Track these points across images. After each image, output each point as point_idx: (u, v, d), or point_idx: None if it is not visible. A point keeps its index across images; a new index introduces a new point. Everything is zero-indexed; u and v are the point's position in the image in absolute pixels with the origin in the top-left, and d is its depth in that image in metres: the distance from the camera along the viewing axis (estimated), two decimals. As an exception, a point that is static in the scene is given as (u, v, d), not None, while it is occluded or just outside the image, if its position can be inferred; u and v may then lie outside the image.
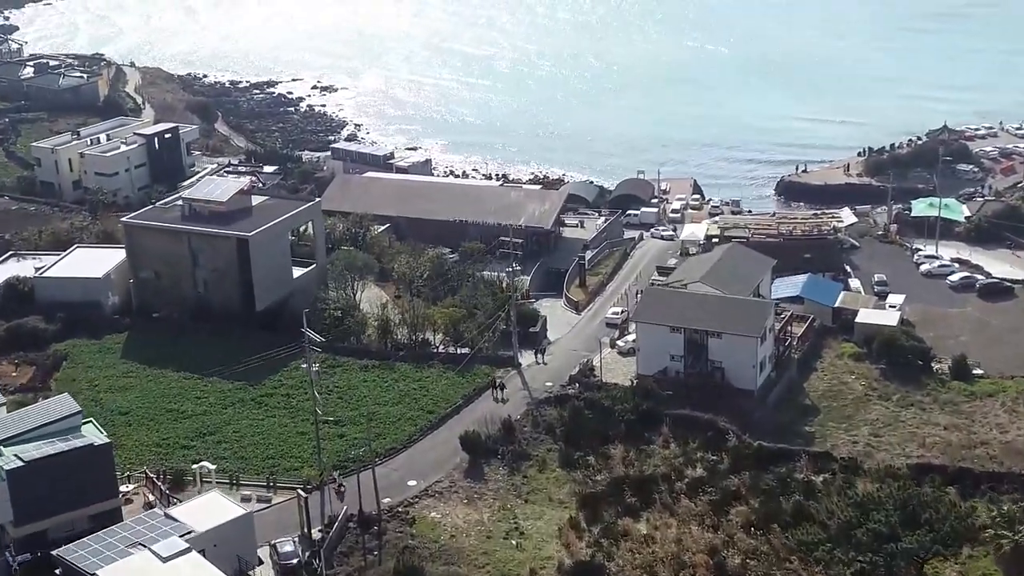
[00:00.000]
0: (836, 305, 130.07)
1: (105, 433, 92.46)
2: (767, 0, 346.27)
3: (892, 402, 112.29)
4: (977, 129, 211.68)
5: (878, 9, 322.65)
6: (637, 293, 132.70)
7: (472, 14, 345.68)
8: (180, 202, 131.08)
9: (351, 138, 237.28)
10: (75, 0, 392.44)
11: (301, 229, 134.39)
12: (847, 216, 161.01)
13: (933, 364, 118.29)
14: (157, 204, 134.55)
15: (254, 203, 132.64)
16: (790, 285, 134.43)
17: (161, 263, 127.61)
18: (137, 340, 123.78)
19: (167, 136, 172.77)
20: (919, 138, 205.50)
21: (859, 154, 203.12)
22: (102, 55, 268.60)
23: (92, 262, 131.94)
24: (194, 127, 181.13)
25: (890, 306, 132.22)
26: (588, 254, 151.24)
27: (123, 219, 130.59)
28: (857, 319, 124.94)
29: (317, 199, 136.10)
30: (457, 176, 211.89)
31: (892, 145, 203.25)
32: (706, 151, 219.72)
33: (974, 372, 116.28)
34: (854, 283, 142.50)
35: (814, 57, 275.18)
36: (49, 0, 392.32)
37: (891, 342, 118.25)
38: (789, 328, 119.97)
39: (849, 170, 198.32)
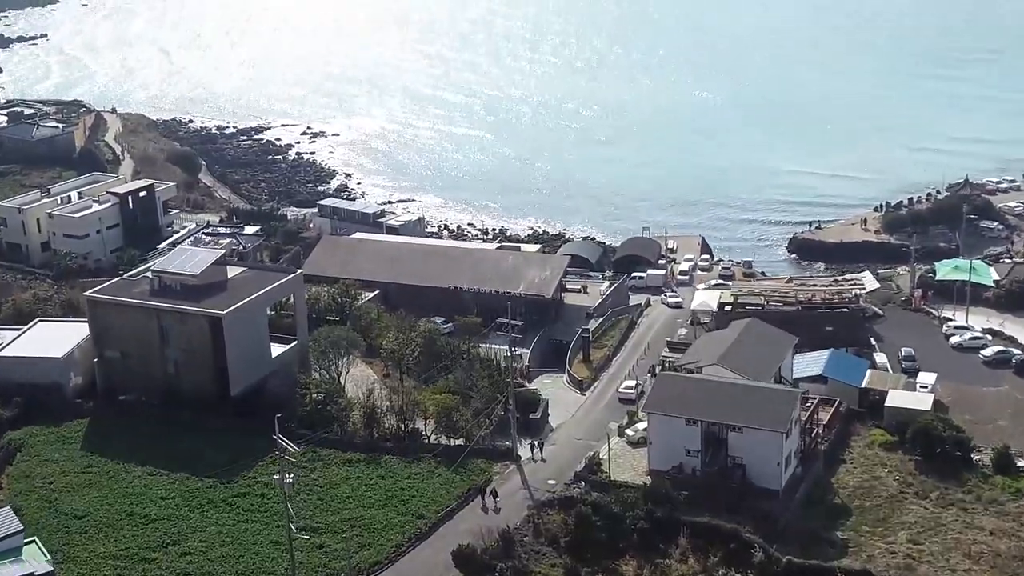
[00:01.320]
0: (863, 385, 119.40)
1: (49, 558, 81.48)
2: (769, 41, 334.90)
3: (931, 501, 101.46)
4: (999, 182, 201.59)
5: (885, 54, 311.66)
6: (649, 372, 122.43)
7: (468, 57, 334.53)
8: (150, 274, 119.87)
9: (341, 189, 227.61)
10: (54, 41, 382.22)
11: (282, 299, 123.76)
12: (869, 281, 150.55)
13: (973, 455, 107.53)
14: (125, 276, 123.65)
15: (230, 275, 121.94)
16: (812, 363, 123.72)
17: (128, 342, 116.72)
18: (100, 428, 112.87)
19: (142, 195, 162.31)
20: (937, 192, 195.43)
21: (876, 209, 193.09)
22: (81, 102, 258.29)
23: (54, 339, 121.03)
24: (171, 184, 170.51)
25: (921, 386, 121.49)
26: (592, 324, 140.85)
27: (87, 294, 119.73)
28: (887, 402, 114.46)
29: (298, 271, 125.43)
30: (452, 231, 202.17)
31: (910, 200, 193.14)
32: (713, 204, 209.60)
33: (1018, 465, 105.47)
34: (880, 358, 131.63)
35: (823, 103, 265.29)
36: (35, 41, 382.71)
37: (927, 432, 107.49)
38: (815, 416, 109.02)
39: (866, 225, 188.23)
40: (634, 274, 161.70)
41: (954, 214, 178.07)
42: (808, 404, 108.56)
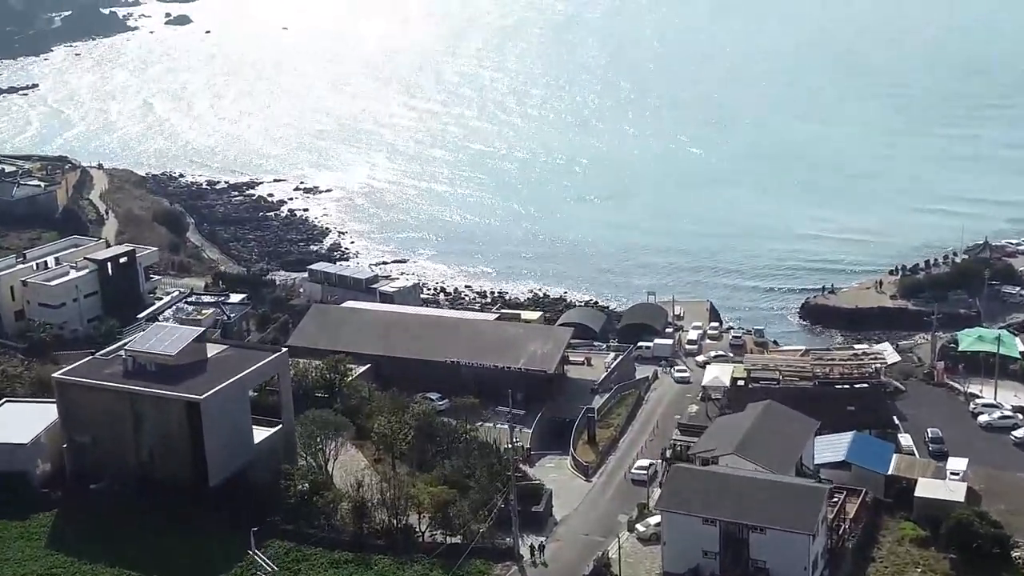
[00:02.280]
0: (889, 473, 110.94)
1: None
2: (770, 93, 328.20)
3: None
4: (1019, 244, 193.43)
5: (891, 104, 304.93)
6: (661, 457, 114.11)
7: (457, 111, 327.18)
8: (124, 353, 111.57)
9: (334, 248, 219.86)
10: (44, 91, 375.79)
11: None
12: (889, 353, 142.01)
13: (1013, 551, 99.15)
14: (97, 355, 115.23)
15: (211, 353, 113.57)
16: (834, 447, 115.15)
17: (99, 426, 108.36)
18: (68, 522, 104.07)
19: (123, 261, 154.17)
20: (955, 254, 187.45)
21: (891, 272, 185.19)
22: (67, 158, 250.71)
23: (20, 422, 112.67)
24: (153, 250, 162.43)
25: (952, 473, 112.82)
26: (597, 400, 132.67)
27: (56, 375, 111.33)
28: (917, 492, 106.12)
29: (283, 349, 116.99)
30: (449, 295, 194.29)
31: (927, 263, 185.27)
32: (719, 265, 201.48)
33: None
34: (905, 440, 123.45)
35: (829, 157, 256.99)
36: (26, 91, 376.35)
37: (962, 527, 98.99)
38: (842, 511, 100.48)
39: (882, 288, 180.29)
40: (640, 343, 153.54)
41: (974, 278, 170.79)
42: (835, 499, 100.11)
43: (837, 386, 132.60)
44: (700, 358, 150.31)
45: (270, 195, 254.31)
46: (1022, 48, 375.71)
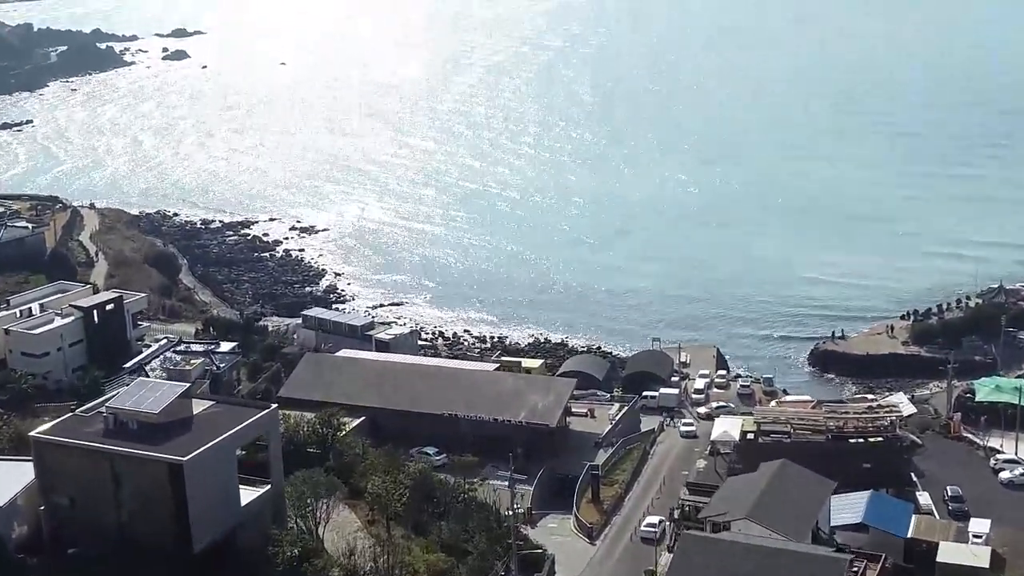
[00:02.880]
0: (909, 535, 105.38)
1: None
2: (772, 129, 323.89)
3: None
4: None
5: (893, 144, 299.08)
6: (669, 518, 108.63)
7: (450, 149, 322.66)
8: (104, 410, 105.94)
9: (329, 291, 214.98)
10: (39, 127, 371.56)
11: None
12: (904, 405, 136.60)
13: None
14: (78, 411, 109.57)
15: (197, 410, 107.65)
16: (850, 508, 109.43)
17: (78, 488, 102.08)
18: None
19: (109, 307, 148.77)
20: (968, 299, 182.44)
21: (903, 317, 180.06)
22: (58, 197, 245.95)
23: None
24: (141, 296, 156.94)
25: (975, 536, 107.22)
26: (601, 454, 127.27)
27: (32, 434, 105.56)
28: (939, 558, 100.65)
29: (273, 406, 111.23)
30: (447, 340, 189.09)
31: (940, 308, 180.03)
32: (725, 309, 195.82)
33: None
34: (923, 499, 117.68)
35: (837, 198, 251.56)
36: (20, 127, 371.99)
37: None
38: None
39: (893, 333, 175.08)
40: (645, 393, 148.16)
41: (989, 324, 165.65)
42: (855, 569, 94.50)
43: (851, 440, 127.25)
44: (702, 410, 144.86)
45: (265, 235, 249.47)
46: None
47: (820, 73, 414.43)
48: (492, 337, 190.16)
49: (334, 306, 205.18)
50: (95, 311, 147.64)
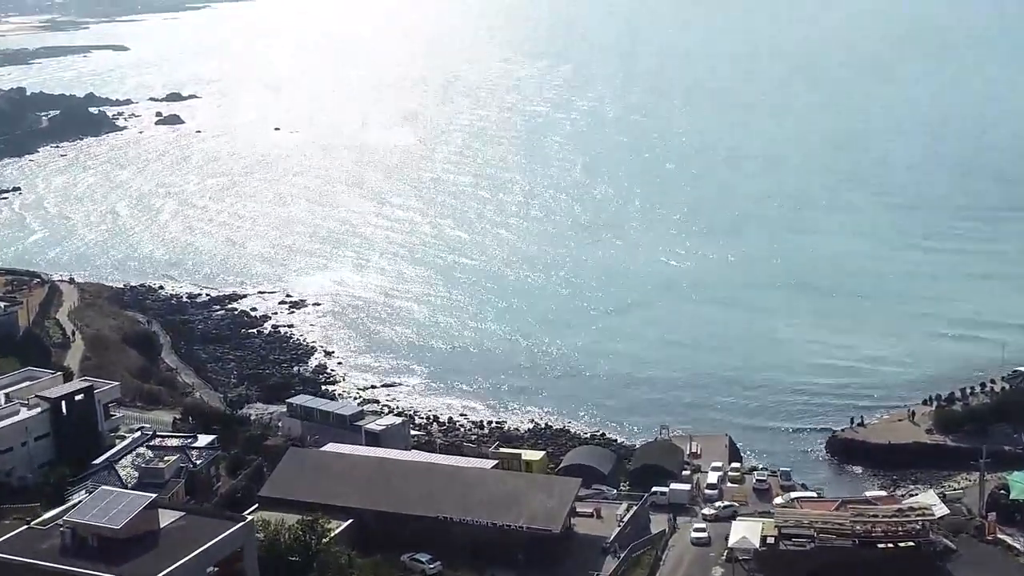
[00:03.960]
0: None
1: None
2: (778, 201, 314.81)
3: None
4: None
5: (908, 217, 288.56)
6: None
7: (434, 217, 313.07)
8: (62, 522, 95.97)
9: (319, 370, 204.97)
10: (27, 195, 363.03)
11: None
12: (937, 507, 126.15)
13: None
14: (33, 524, 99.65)
15: (164, 523, 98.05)
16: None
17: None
18: None
19: (79, 398, 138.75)
20: (992, 382, 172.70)
21: (924, 402, 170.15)
22: (36, 272, 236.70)
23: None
24: (114, 385, 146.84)
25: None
26: (608, 562, 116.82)
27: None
28: None
29: (248, 517, 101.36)
30: (443, 425, 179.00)
31: (963, 392, 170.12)
32: (735, 393, 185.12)
33: None
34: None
35: (839, 275, 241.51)
36: (6, 194, 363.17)
37: None
38: None
39: (915, 419, 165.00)
40: (654, 489, 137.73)
41: (1019, 411, 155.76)
42: None
43: (880, 545, 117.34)
44: (707, 511, 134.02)
45: (253, 309, 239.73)
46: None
47: (819, 138, 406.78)
48: (490, 422, 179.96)
49: (324, 387, 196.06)
50: (63, 402, 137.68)
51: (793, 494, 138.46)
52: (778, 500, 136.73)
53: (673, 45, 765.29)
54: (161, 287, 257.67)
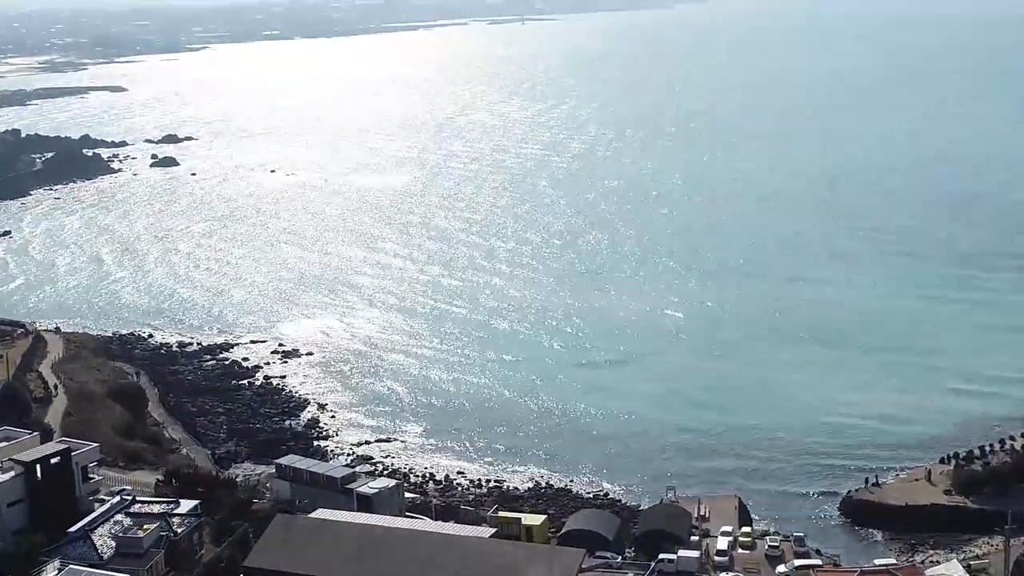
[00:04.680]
0: None
1: None
2: (784, 246, 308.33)
3: None
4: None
5: (912, 266, 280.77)
6: None
7: (438, 263, 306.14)
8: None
9: (312, 425, 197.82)
10: (16, 239, 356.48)
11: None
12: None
13: None
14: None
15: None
16: None
17: None
18: None
19: (55, 460, 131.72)
20: (1012, 439, 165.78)
21: (942, 461, 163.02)
22: (21, 323, 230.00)
23: None
24: (93, 447, 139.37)
25: None
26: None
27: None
28: None
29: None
30: (439, 484, 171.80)
31: (982, 450, 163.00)
32: (745, 451, 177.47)
33: None
34: None
35: (850, 325, 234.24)
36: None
37: None
38: None
39: (931, 479, 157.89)
40: (661, 556, 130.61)
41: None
42: None
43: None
44: None
45: (245, 359, 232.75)
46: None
47: (812, 175, 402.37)
48: (488, 481, 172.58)
49: (316, 443, 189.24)
50: (38, 465, 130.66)
51: (807, 560, 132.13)
52: (781, 569, 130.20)
53: (669, 83, 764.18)
54: (150, 335, 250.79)
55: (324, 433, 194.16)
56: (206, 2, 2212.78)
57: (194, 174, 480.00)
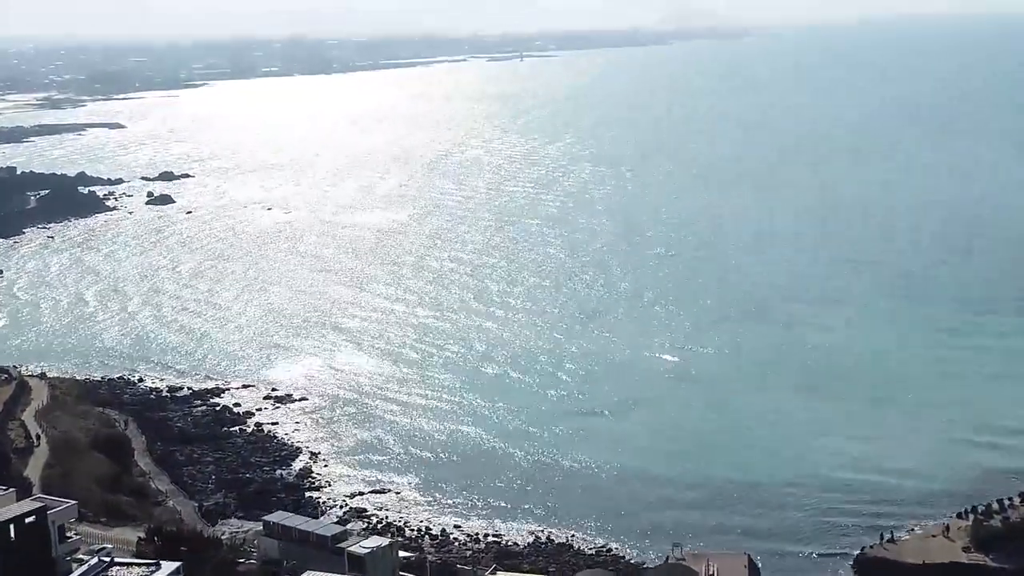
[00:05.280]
0: None
1: None
2: (790, 286, 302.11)
3: None
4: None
5: (920, 309, 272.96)
6: None
7: (430, 303, 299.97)
8: None
9: (303, 474, 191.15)
10: (8, 280, 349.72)
11: None
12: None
13: None
14: None
15: None
16: None
17: None
18: None
19: (29, 520, 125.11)
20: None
21: (960, 515, 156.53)
22: (5, 368, 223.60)
23: None
24: (71, 504, 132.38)
25: None
26: None
27: None
28: None
29: None
30: (435, 539, 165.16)
31: (1001, 504, 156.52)
32: (755, 505, 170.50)
33: None
34: None
35: (858, 372, 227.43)
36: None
37: None
38: None
39: (949, 534, 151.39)
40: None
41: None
42: None
43: None
44: None
45: (236, 405, 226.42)
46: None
47: (825, 218, 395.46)
48: (486, 535, 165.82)
49: (307, 494, 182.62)
50: (12, 525, 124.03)
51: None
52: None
53: (663, 119, 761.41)
54: (141, 379, 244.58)
55: (316, 484, 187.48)
56: (206, 39, 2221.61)
57: (189, 212, 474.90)
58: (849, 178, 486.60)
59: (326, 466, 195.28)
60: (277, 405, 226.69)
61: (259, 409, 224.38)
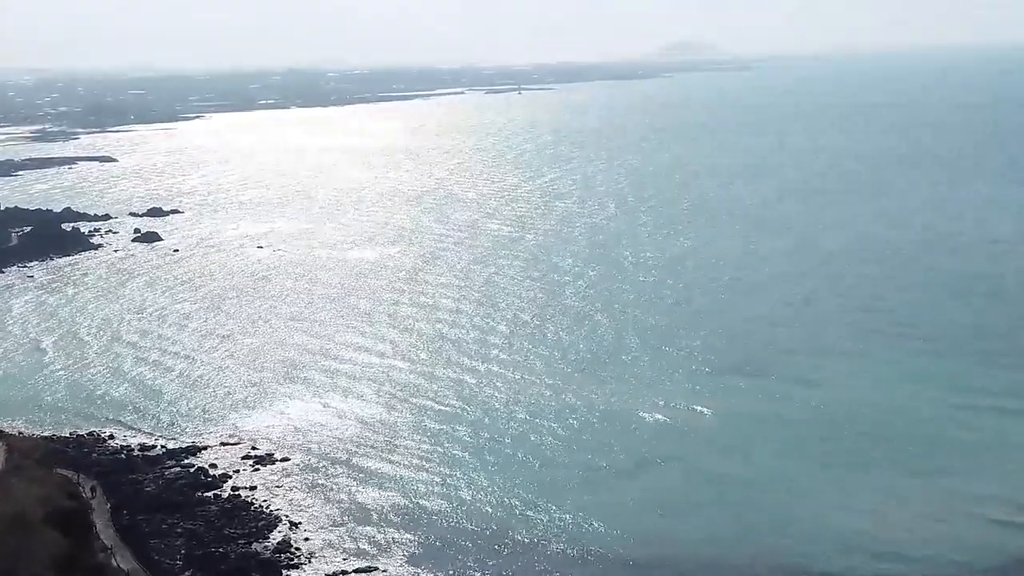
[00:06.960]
0: None
1: None
2: (800, 335, 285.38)
3: None
4: None
5: (932, 357, 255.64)
6: None
7: (423, 353, 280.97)
8: None
9: (282, 548, 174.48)
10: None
11: None
12: None
13: None
14: None
15: None
16: None
17: None
18: None
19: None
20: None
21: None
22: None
23: None
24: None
25: None
26: None
27: None
28: None
29: None
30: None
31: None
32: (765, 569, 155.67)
33: None
34: None
35: (870, 433, 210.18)
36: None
37: None
38: None
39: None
40: None
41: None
42: None
43: None
44: None
45: (212, 466, 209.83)
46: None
47: (823, 260, 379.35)
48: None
49: (286, 572, 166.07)
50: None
51: None
52: None
53: (660, 158, 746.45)
54: (111, 436, 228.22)
55: (295, 560, 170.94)
56: (204, 71, 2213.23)
57: (176, 250, 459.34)
58: (852, 217, 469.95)
59: (307, 539, 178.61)
60: (256, 466, 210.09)
61: (237, 471, 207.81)
